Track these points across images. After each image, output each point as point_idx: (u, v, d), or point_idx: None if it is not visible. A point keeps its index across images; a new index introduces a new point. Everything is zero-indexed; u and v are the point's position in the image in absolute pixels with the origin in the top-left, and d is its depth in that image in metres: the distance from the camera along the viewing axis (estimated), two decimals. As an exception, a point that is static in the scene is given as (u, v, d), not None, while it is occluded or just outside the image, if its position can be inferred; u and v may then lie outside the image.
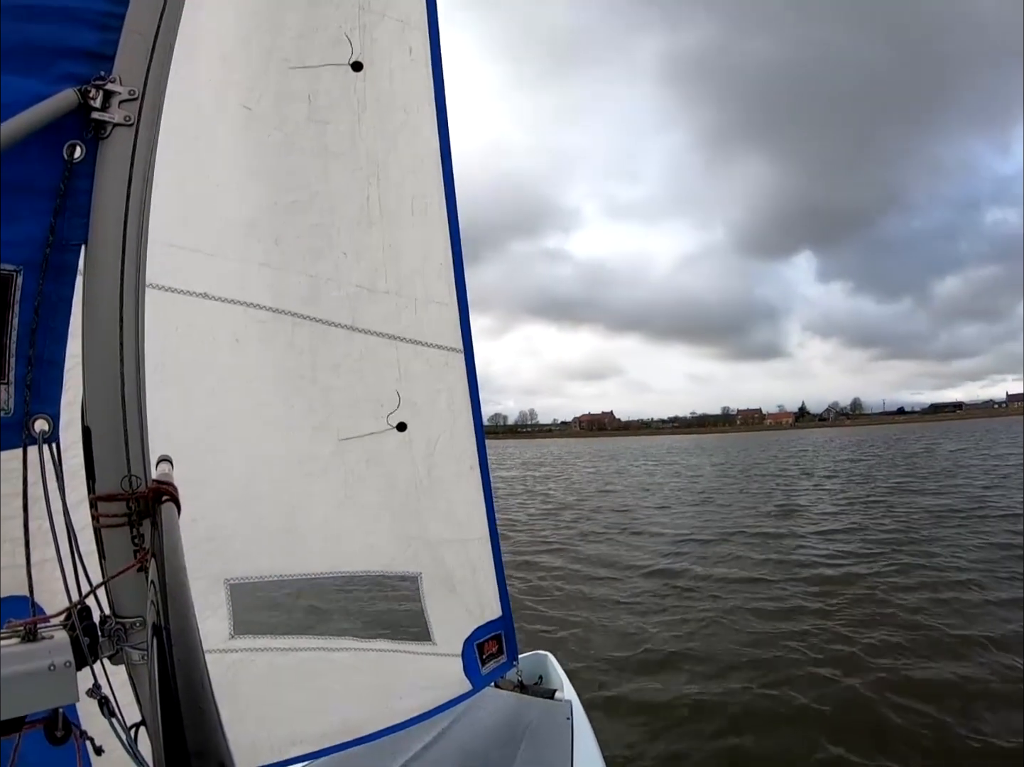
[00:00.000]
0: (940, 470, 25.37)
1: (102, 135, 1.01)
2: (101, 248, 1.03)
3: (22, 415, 1.04)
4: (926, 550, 10.90)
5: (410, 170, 2.01)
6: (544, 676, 3.39)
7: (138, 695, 1.02)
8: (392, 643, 2.44)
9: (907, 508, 15.62)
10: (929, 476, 23.17)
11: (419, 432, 2.19)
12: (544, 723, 2.68)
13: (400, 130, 1.98)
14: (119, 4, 1.04)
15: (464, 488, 2.30)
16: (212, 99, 1.77)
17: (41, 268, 1.01)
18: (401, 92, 1.95)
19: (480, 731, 2.62)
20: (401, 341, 2.10)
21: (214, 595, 2.05)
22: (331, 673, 2.28)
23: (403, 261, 2.05)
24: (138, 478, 1.03)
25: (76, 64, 1.02)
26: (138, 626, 1.01)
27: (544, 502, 21.00)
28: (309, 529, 2.16)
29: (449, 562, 2.35)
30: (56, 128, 0.98)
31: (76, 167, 1.01)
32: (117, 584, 1.01)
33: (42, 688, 0.80)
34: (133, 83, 1.03)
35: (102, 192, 1.02)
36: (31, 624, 0.83)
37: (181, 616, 0.74)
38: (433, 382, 2.17)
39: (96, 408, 1.02)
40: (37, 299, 1.02)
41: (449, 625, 2.40)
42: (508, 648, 2.56)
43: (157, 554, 0.91)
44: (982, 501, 16.10)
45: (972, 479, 21.30)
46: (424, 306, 2.10)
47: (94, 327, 1.02)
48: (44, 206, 1.00)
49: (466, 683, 2.40)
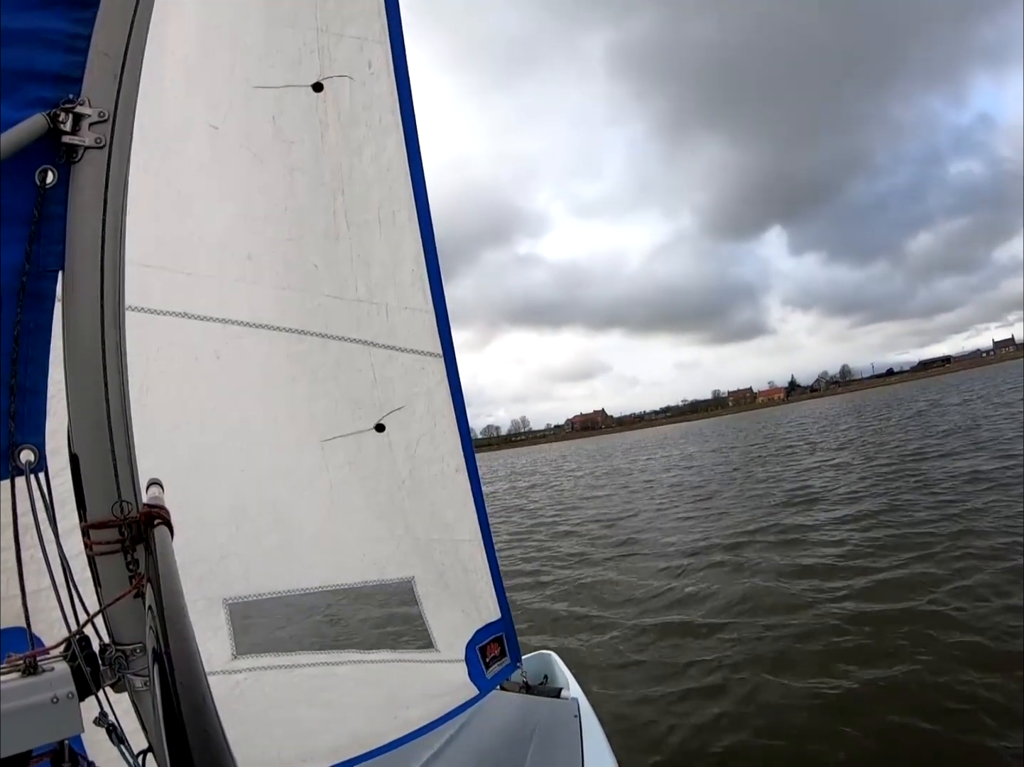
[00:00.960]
0: (958, 426, 21.51)
1: (74, 159, 1.00)
2: (79, 273, 1.02)
3: (7, 446, 1.02)
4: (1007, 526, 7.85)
5: (376, 181, 2.04)
6: (549, 675, 3.39)
7: (143, 722, 1.01)
8: (396, 653, 2.44)
9: (944, 474, 12.43)
10: (950, 433, 19.61)
11: (398, 434, 2.22)
12: (552, 722, 2.69)
13: (363, 144, 2.00)
14: (84, 25, 1.03)
15: (450, 490, 2.32)
16: (179, 118, 1.78)
17: (18, 296, 1.00)
18: (362, 107, 1.98)
19: (489, 734, 2.62)
20: (374, 346, 2.13)
21: (213, 616, 2.04)
22: (337, 687, 2.28)
23: (373, 270, 2.09)
24: (129, 503, 1.02)
25: (44, 88, 1.01)
26: (138, 652, 1.00)
27: (528, 516, 18.00)
28: (302, 542, 2.16)
29: (439, 562, 2.37)
30: (27, 154, 0.96)
31: (49, 192, 1.00)
32: (114, 611, 1.00)
33: (46, 721, 0.79)
34: (103, 104, 1.02)
35: (77, 216, 1.01)
36: (31, 657, 0.82)
37: (181, 640, 0.73)
38: (410, 386, 2.20)
39: (82, 435, 1.01)
40: (16, 327, 1.01)
41: (449, 629, 2.40)
42: (510, 649, 2.57)
43: (153, 579, 0.90)
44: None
45: (998, 430, 17.77)
46: (396, 312, 2.13)
47: (76, 353, 1.01)
48: (18, 233, 0.99)
49: (472, 688, 2.40)
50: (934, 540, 7.91)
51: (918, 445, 18.24)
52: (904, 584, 6.53)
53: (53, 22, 1.02)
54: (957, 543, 7.55)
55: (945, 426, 22.47)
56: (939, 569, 6.80)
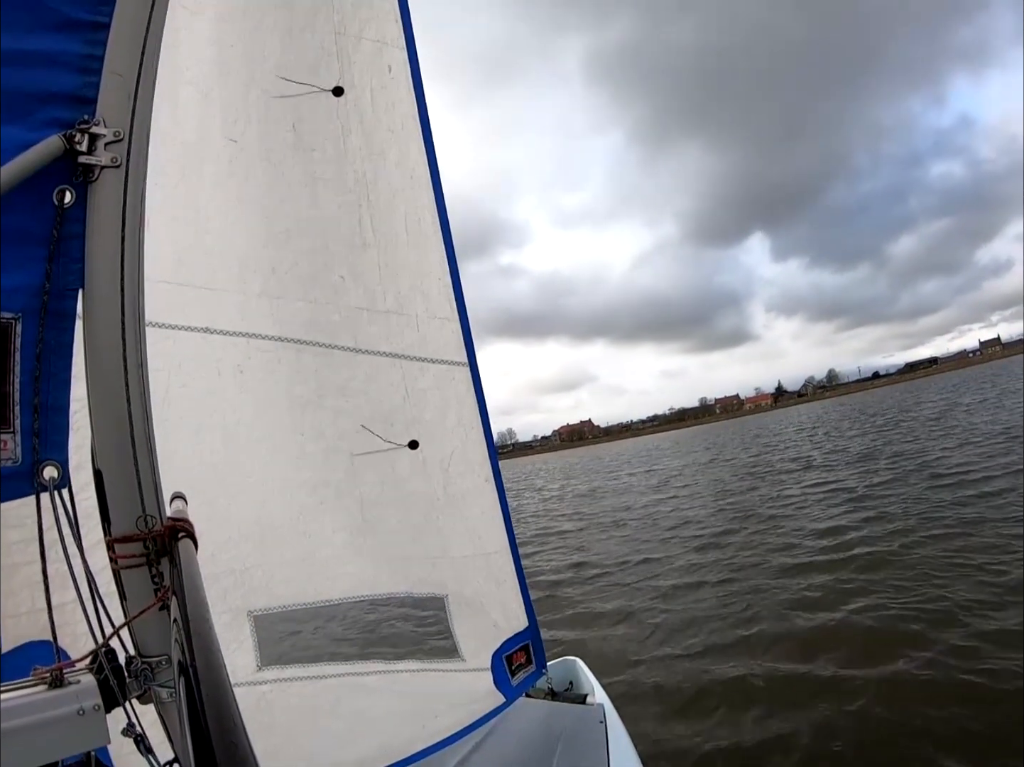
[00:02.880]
0: (982, 432, 16.80)
1: (91, 178, 1.02)
2: (98, 292, 1.03)
3: (31, 463, 1.04)
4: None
5: (400, 188, 2.02)
6: (575, 681, 3.36)
7: (169, 733, 1.02)
8: (421, 663, 2.43)
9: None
10: (980, 442, 14.96)
11: (432, 449, 2.19)
12: (578, 728, 2.66)
13: (387, 149, 1.99)
14: (97, 46, 1.05)
15: (481, 502, 2.30)
16: (196, 134, 1.79)
17: (39, 315, 1.02)
18: (384, 111, 1.96)
19: (515, 741, 2.60)
20: (405, 359, 2.11)
21: (238, 628, 2.05)
22: (364, 698, 2.27)
23: (401, 279, 2.06)
24: (153, 517, 1.03)
25: (59, 109, 1.03)
26: (164, 664, 1.00)
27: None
28: (329, 556, 2.15)
29: (474, 579, 2.34)
30: (44, 174, 0.98)
31: (67, 212, 1.02)
32: (140, 624, 1.00)
33: (73, 733, 0.80)
34: (118, 124, 1.04)
35: (95, 235, 1.03)
36: (57, 670, 0.83)
37: (206, 652, 0.73)
38: (441, 397, 2.17)
39: (106, 450, 1.02)
40: (38, 346, 1.03)
41: (478, 641, 2.39)
42: (536, 657, 2.55)
43: (178, 591, 0.91)
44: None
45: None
46: (427, 322, 2.11)
47: (98, 370, 1.02)
48: (38, 253, 1.01)
49: (498, 696, 2.39)
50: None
51: (959, 466, 12.52)
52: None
53: (66, 44, 1.04)
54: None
55: (968, 432, 17.69)
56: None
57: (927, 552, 7.42)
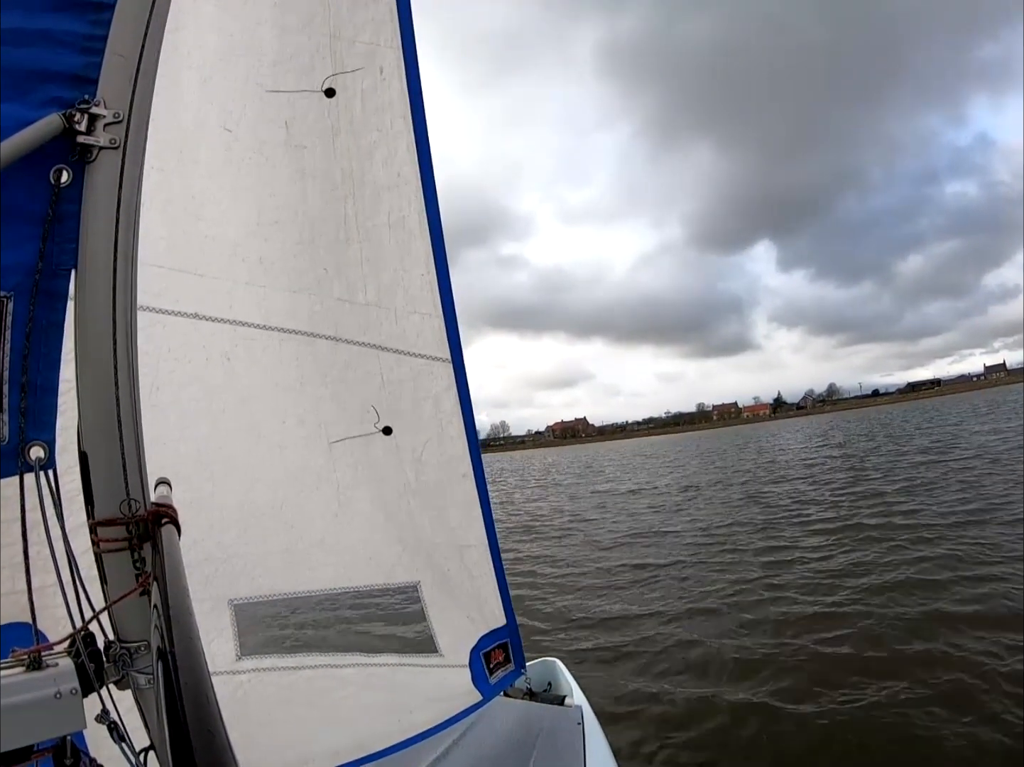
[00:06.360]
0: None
1: (88, 159, 1.01)
2: (91, 272, 1.02)
3: (17, 442, 1.03)
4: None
5: (386, 187, 2.05)
6: (553, 682, 3.37)
7: (146, 720, 1.01)
8: (399, 657, 2.43)
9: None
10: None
11: (405, 438, 2.22)
12: (556, 730, 2.67)
13: (374, 148, 2.01)
14: (101, 27, 1.04)
15: (456, 495, 2.33)
16: (194, 121, 1.79)
17: (31, 294, 1.01)
18: (373, 113, 1.99)
19: (492, 741, 2.60)
20: (383, 350, 2.14)
21: (218, 617, 2.05)
22: (341, 690, 2.27)
23: (382, 274, 2.10)
24: (137, 501, 1.02)
25: (60, 88, 1.02)
26: (143, 650, 1.00)
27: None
28: (309, 544, 2.16)
29: (444, 567, 2.36)
30: (42, 153, 0.97)
31: (63, 192, 1.01)
32: (120, 609, 1.00)
33: (49, 716, 0.79)
34: (118, 106, 1.03)
35: (90, 216, 1.02)
36: (35, 652, 0.82)
37: (186, 639, 0.73)
38: (417, 390, 2.20)
39: (92, 433, 1.01)
40: (28, 325, 1.02)
41: (453, 634, 2.39)
42: (515, 656, 2.55)
43: (159, 577, 0.90)
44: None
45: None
46: (405, 316, 2.14)
47: (87, 352, 1.02)
48: (32, 232, 1.00)
49: (475, 693, 2.39)
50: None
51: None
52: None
53: (69, 23, 1.03)
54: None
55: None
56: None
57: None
